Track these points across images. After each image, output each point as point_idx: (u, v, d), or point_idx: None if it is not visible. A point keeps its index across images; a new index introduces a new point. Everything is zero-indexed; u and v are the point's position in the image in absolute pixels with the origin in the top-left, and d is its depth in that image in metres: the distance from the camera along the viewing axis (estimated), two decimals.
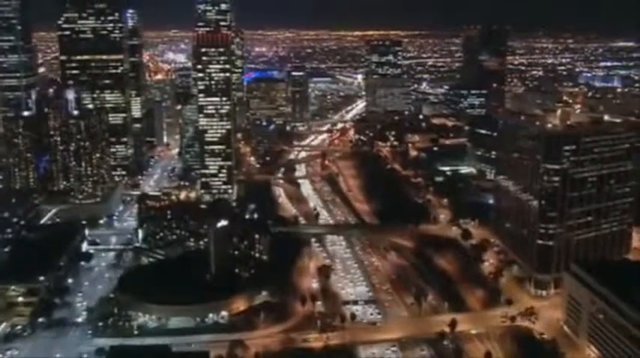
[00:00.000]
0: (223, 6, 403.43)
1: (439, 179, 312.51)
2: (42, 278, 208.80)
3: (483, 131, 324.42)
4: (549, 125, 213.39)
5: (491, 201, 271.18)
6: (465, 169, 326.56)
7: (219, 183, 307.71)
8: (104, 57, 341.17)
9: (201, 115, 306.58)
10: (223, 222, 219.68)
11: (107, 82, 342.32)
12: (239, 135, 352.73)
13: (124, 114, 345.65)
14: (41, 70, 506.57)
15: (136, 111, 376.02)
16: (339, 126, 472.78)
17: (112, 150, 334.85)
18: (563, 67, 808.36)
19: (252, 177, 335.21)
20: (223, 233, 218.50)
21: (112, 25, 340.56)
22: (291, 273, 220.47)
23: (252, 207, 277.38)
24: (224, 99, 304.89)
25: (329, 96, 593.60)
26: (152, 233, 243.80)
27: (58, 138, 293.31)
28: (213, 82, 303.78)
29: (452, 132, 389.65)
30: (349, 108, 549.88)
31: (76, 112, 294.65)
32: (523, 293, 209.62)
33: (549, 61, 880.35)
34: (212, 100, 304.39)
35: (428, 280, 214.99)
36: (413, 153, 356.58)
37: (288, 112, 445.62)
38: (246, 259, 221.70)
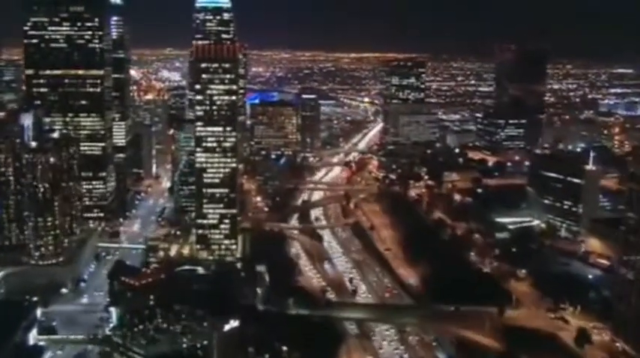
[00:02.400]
0: (226, 15, 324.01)
1: (501, 236, 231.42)
2: None
3: (554, 174, 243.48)
4: None
5: (590, 276, 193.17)
6: (528, 222, 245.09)
7: (220, 236, 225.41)
8: (80, 72, 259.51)
9: (199, 149, 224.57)
10: (233, 323, 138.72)
11: (83, 102, 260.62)
12: (240, 167, 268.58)
13: (102, 144, 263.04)
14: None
15: (120, 138, 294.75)
16: (354, 155, 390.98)
17: (88, 187, 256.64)
18: (573, 94, 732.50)
19: (261, 224, 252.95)
20: (233, 339, 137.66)
21: (90, 33, 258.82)
22: None
23: (266, 278, 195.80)
24: (228, 129, 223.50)
25: (335, 122, 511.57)
26: (129, 323, 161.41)
27: (11, 178, 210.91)
28: (215, 107, 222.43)
29: (495, 171, 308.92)
30: (360, 135, 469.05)
31: (34, 143, 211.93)
32: None
33: (555, 87, 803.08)
34: (213, 130, 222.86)
35: None
36: (455, 196, 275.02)
37: (297, 141, 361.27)
38: None
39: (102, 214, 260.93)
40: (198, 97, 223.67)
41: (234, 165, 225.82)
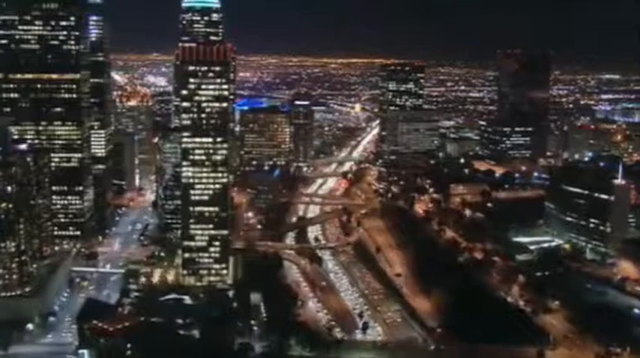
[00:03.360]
0: (215, 16, 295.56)
1: (522, 258, 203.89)
2: None
3: (578, 189, 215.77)
4: None
5: (634, 309, 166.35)
6: (548, 241, 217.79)
7: (210, 260, 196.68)
8: (54, 76, 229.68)
9: (185, 162, 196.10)
10: None
11: (58, 110, 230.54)
12: (230, 178, 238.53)
13: (79, 154, 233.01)
14: None
15: (99, 148, 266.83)
16: (350, 165, 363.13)
17: (62, 202, 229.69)
18: (565, 100, 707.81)
19: (254, 244, 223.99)
20: None
21: (65, 33, 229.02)
22: None
23: (262, 310, 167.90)
24: (219, 139, 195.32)
25: (327, 128, 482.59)
26: None
27: None
28: (203, 115, 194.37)
29: (504, 182, 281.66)
30: (354, 143, 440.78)
31: None
32: None
33: None
34: (202, 141, 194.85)
35: None
36: (464, 212, 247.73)
37: (290, 150, 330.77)
38: None
39: (78, 233, 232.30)
40: (185, 104, 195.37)
41: (225, 180, 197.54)
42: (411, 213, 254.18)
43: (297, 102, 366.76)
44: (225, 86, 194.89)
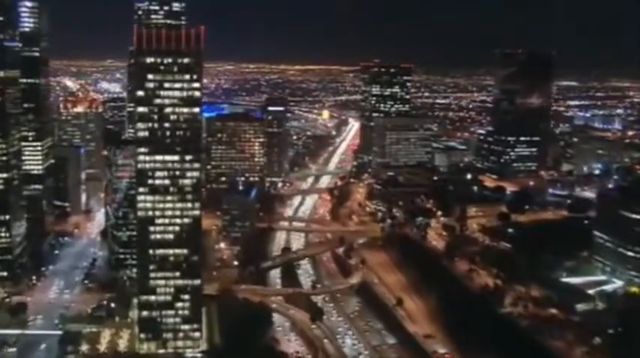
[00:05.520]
0: (176, 5, 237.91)
1: (583, 308, 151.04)
2: None
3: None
4: None
5: None
6: (606, 282, 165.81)
7: (176, 320, 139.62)
8: None
9: (142, 189, 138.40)
10: None
11: None
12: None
13: (5, 174, 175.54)
14: None
15: (35, 165, 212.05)
16: (332, 180, 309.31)
17: None
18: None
19: (231, 289, 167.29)
20: None
21: None
22: None
23: None
24: (188, 158, 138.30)
25: (296, 137, 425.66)
26: None
27: None
28: (167, 125, 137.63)
29: (521, 202, 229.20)
30: (327, 153, 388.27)
31: None
32: None
33: None
34: (165, 160, 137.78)
35: None
36: (484, 240, 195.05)
37: (264, 163, 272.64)
38: None
39: (4, 274, 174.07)
40: (142, 109, 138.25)
41: (196, 212, 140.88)
42: (424, 244, 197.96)
43: (271, 108, 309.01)
44: (196, 84, 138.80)
